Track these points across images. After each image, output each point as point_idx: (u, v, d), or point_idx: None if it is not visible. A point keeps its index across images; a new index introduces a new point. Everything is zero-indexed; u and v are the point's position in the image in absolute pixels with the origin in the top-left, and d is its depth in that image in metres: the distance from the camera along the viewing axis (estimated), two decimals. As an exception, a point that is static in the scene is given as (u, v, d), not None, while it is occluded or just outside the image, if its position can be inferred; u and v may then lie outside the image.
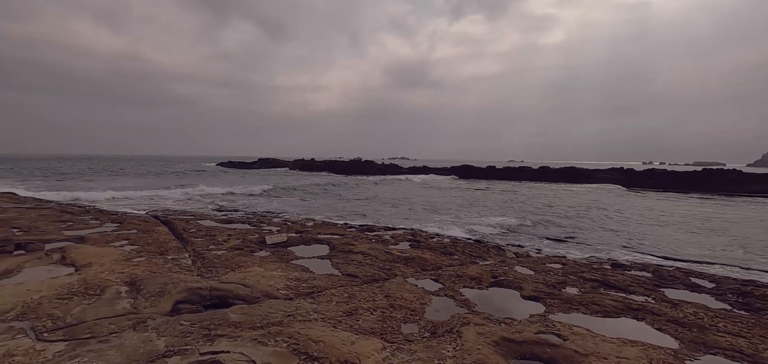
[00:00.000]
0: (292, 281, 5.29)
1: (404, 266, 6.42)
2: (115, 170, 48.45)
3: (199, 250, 7.42)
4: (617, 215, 16.16)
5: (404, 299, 4.49)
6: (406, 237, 9.15)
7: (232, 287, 4.79)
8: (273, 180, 37.20)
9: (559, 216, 15.42)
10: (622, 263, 6.83)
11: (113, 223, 10.42)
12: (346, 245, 7.79)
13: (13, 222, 10.01)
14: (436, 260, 6.87)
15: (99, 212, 12.54)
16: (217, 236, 8.62)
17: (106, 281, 4.71)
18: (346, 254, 7.03)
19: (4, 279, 5.38)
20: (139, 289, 4.34)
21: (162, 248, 7.40)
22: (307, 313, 3.95)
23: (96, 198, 18.05)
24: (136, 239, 8.16)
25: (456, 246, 8.04)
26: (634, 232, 12.06)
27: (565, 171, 41.09)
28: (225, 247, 7.70)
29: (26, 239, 8.00)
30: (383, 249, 7.39)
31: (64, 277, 5.15)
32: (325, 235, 9.03)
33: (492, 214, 15.33)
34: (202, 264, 6.40)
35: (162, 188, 24.55)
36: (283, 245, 8.00)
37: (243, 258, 6.74)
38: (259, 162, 69.27)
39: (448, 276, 5.66)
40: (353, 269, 6.11)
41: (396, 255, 6.96)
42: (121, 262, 6.31)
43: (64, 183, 27.82)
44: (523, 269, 6.07)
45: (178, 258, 6.79)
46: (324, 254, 7.19)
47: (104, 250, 7.07)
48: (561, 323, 3.72)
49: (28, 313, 3.75)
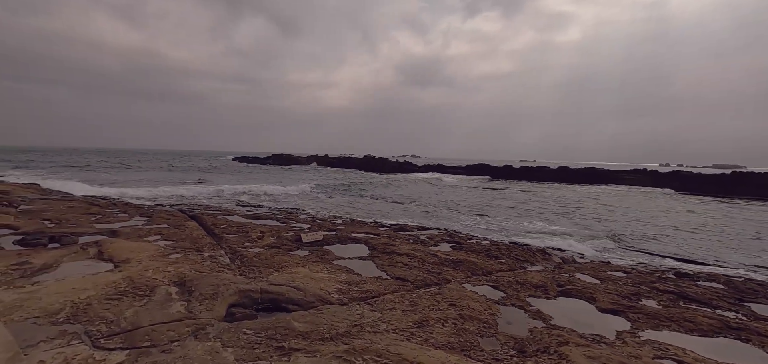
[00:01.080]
0: (342, 284, 4.98)
1: (453, 270, 6.06)
2: (132, 164, 48.97)
3: (235, 247, 7.17)
4: (682, 222, 14.61)
5: (471, 309, 4.14)
6: (444, 238, 8.78)
7: (283, 289, 4.49)
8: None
9: (637, 225, 13.56)
10: (686, 272, 6.36)
11: (142, 216, 10.28)
12: (385, 245, 7.46)
13: (43, 214, 9.93)
14: (484, 263, 6.49)
15: (125, 205, 12.46)
16: (249, 233, 8.38)
17: (153, 280, 4.46)
18: (389, 255, 6.70)
19: (44, 274, 5.18)
20: (191, 290, 4.07)
21: (197, 244, 7.17)
22: (374, 323, 3.62)
23: (120, 192, 18.08)
24: (169, 234, 7.96)
25: (499, 249, 7.65)
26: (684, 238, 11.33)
27: (585, 172, 40.15)
28: (261, 244, 7.44)
29: (59, 231, 7.86)
30: (427, 251, 7.04)
31: (106, 274, 4.92)
32: (360, 234, 8.71)
33: (539, 219, 14.07)
34: (241, 263, 6.13)
35: (182, 182, 24.54)
36: (320, 243, 7.71)
37: (283, 257, 6.46)
38: (273, 158, 69.42)
39: (507, 283, 5.28)
40: (401, 272, 5.78)
41: (442, 258, 6.60)
42: (158, 258, 6.08)
43: (85, 175, 28.08)
44: (585, 277, 5.65)
45: (215, 255, 6.54)
46: (364, 255, 6.87)
47: (139, 245, 6.87)
48: (671, 345, 3.32)
49: (78, 315, 3.50)
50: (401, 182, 33.20)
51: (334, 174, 41.92)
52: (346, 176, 38.46)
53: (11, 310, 3.57)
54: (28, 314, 3.49)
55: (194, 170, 40.75)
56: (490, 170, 46.58)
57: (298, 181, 29.24)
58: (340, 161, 60.19)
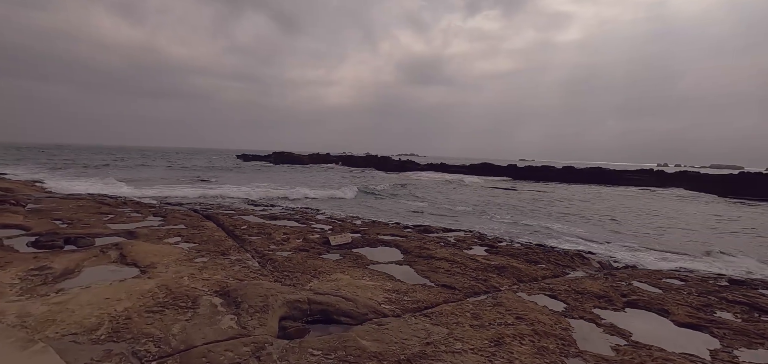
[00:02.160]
0: (389, 293, 4.64)
1: (499, 277, 5.73)
2: (135, 161, 48.32)
3: (261, 250, 6.82)
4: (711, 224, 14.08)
5: (541, 323, 3.80)
6: (474, 240, 8.44)
7: (331, 299, 4.15)
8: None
9: (658, 227, 13.09)
10: (738, 279, 6.04)
11: (156, 216, 9.91)
12: (418, 248, 7.12)
13: (53, 213, 9.56)
14: (527, 269, 6.16)
15: (137, 204, 12.08)
16: (272, 235, 8.02)
17: (192, 289, 4.11)
18: (427, 260, 6.36)
19: (67, 280, 4.82)
20: (237, 302, 3.71)
21: (220, 247, 6.82)
22: (446, 341, 3.28)
23: (129, 191, 17.68)
24: (189, 235, 7.60)
25: (536, 253, 7.31)
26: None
27: (591, 171, 39.88)
28: (288, 247, 7.09)
29: (73, 232, 7.49)
30: (465, 256, 6.70)
31: (136, 281, 4.56)
32: (386, 236, 8.37)
33: (558, 220, 13.46)
34: (273, 268, 5.78)
35: (192, 182, 24.03)
36: (348, 246, 7.37)
37: (315, 261, 6.11)
38: (274, 156, 68.87)
39: (563, 291, 4.94)
40: (445, 279, 5.44)
41: (483, 263, 6.27)
42: (184, 262, 5.74)
43: (88, 173, 27.60)
44: (643, 286, 5.32)
45: (242, 259, 6.20)
46: (399, 259, 6.53)
47: (161, 248, 6.51)
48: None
49: (120, 331, 3.15)
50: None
51: (355, 173, 41.45)
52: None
53: (44, 325, 3.22)
54: (63, 329, 3.14)
55: (205, 169, 38.38)
56: (495, 170, 46.24)
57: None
58: (342, 159, 59.79)
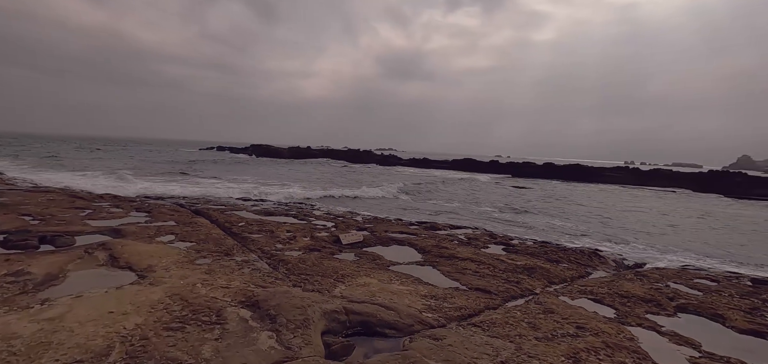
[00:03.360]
0: (427, 299, 4.22)
1: (530, 278, 5.42)
2: (107, 153, 45.35)
3: (268, 249, 6.25)
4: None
5: (605, 333, 3.49)
6: (484, 237, 8.13)
7: (370, 308, 3.69)
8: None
9: (655, 225, 12.88)
10: (761, 278, 6.00)
11: (139, 212, 9.07)
12: (436, 247, 6.73)
13: (20, 208, 8.56)
14: (555, 270, 5.89)
15: (114, 198, 11.10)
16: (275, 232, 7.43)
17: (212, 300, 3.53)
18: (450, 261, 5.97)
19: (51, 288, 4.13)
20: (272, 315, 3.19)
21: (221, 247, 6.20)
22: (519, 358, 2.89)
23: (99, 184, 16.39)
24: (183, 233, 6.91)
25: (555, 252, 7.08)
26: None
27: (571, 168, 40.81)
28: (296, 246, 6.54)
29: (49, 230, 6.65)
30: (490, 255, 6.36)
31: (138, 288, 3.93)
32: (395, 234, 7.94)
33: (556, 217, 13.36)
34: (287, 270, 5.24)
35: (168, 175, 22.64)
36: (360, 244, 6.89)
37: (332, 262, 5.61)
38: (252, 148, 66.91)
39: (607, 295, 4.67)
40: (477, 281, 5.07)
41: (509, 263, 5.95)
42: (186, 264, 5.11)
43: (54, 163, 25.55)
44: (681, 287, 5.14)
45: (249, 260, 5.62)
46: (419, 260, 6.11)
47: (155, 248, 5.82)
48: None
49: (138, 356, 2.57)
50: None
51: (327, 166, 40.48)
52: (335, 169, 37.21)
53: (38, 350, 2.60)
54: (65, 357, 2.54)
55: (183, 163, 34.16)
56: (477, 165, 46.63)
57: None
58: (323, 153, 58.73)
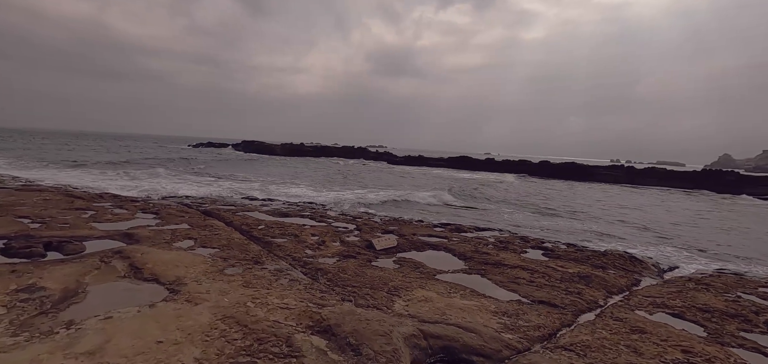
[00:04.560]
0: (499, 316, 3.81)
1: (588, 288, 5.06)
2: (91, 148, 43.79)
3: (298, 256, 5.77)
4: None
5: (718, 359, 3.13)
6: (515, 240, 7.77)
7: (448, 330, 3.26)
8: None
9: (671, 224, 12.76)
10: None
11: (146, 213, 8.47)
12: (475, 252, 6.33)
13: (15, 209, 7.88)
14: (608, 277, 5.55)
15: (115, 198, 10.42)
16: (300, 236, 6.93)
17: (274, 324, 3.05)
18: (498, 268, 5.58)
19: (74, 307, 3.60)
20: (353, 345, 2.73)
21: (246, 253, 5.69)
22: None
23: (93, 182, 15.59)
24: (202, 238, 6.37)
25: (597, 257, 6.75)
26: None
27: (566, 167, 40.98)
28: (327, 253, 6.06)
29: (54, 235, 6.04)
30: (538, 262, 5.99)
31: (175, 307, 3.43)
32: (425, 237, 7.52)
33: (572, 217, 12.83)
34: (328, 281, 4.77)
35: (161, 171, 21.78)
36: (393, 250, 6.46)
37: (373, 271, 5.16)
38: (243, 144, 65.72)
39: (683, 308, 4.33)
40: (537, 293, 4.69)
41: (562, 271, 5.58)
42: (215, 275, 4.61)
43: (39, 158, 24.34)
44: (749, 297, 4.85)
45: (283, 269, 5.13)
46: (464, 267, 5.70)
47: (177, 255, 5.29)
48: None
49: (214, 404, 2.10)
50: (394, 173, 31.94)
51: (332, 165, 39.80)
52: (333, 166, 36.64)
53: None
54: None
55: (180, 160, 31.09)
56: (472, 163, 46.55)
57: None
58: (316, 150, 57.93)
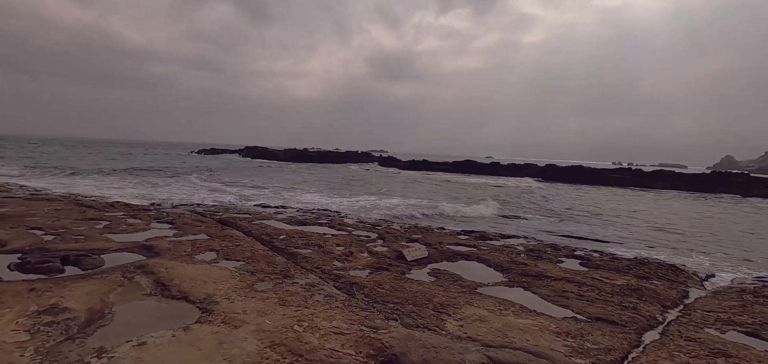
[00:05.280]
0: (562, 338, 3.50)
1: (643, 302, 4.75)
2: (90, 154, 43.59)
3: (328, 269, 5.47)
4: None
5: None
6: (546, 248, 7.45)
7: (518, 357, 2.96)
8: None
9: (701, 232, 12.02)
10: None
11: (160, 222, 8.18)
12: (511, 263, 6.02)
13: (26, 219, 7.60)
14: (658, 290, 5.23)
15: (127, 207, 10.13)
16: (324, 246, 6.63)
17: (332, 353, 2.74)
18: (541, 280, 5.27)
19: (102, 329, 3.30)
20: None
21: (273, 266, 5.39)
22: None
23: (96, 191, 15.34)
24: (224, 249, 6.08)
25: (637, 266, 6.43)
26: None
27: (572, 170, 40.62)
28: (357, 265, 5.75)
29: (70, 248, 5.76)
30: (581, 274, 5.68)
31: (212, 331, 3.13)
32: (452, 246, 7.22)
33: (593, 223, 12.36)
34: (366, 297, 4.47)
35: (168, 179, 21.51)
36: (424, 260, 6.15)
37: (414, 286, 4.86)
38: (246, 150, 65.49)
39: (760, 326, 4.02)
40: (591, 308, 4.38)
41: (608, 283, 5.27)
42: (246, 291, 4.32)
43: (44, 166, 24.09)
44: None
45: (313, 283, 4.83)
46: (504, 280, 5.38)
47: (203, 270, 5.00)
48: None
49: None
50: (399, 179, 31.59)
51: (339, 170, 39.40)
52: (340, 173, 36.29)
53: None
54: None
55: (190, 168, 29.81)
56: (477, 167, 46.21)
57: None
58: (320, 156, 57.63)
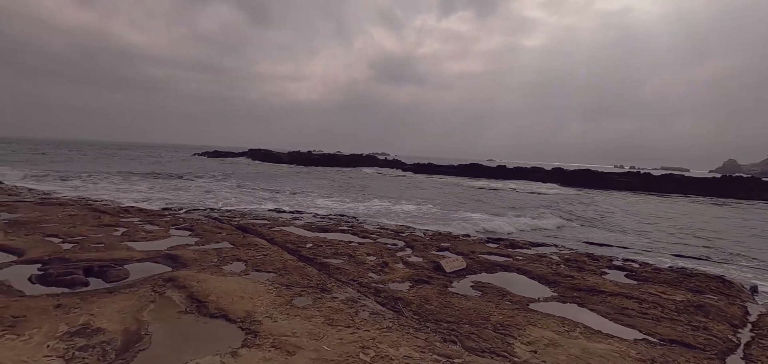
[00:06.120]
0: None
1: (711, 321, 4.42)
2: (96, 157, 43.33)
3: (365, 281, 5.16)
4: None
5: None
6: (582, 258, 7.12)
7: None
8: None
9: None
10: None
11: (178, 228, 7.90)
12: (556, 275, 5.70)
13: (40, 226, 7.32)
14: (723, 307, 4.90)
15: (141, 212, 9.82)
16: (356, 256, 6.31)
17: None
18: (594, 295, 4.94)
19: (143, 353, 2.99)
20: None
21: (308, 279, 5.09)
22: None
23: (105, 195, 15.05)
24: (252, 260, 5.77)
25: (685, 277, 6.11)
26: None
27: (580, 174, 40.27)
28: (395, 277, 5.44)
29: (92, 258, 5.44)
30: (633, 286, 5.36)
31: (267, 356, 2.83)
32: (485, 255, 6.90)
33: (612, 228, 12.26)
34: (414, 315, 4.16)
35: (176, 181, 21.22)
36: (463, 272, 5.83)
37: (462, 302, 4.55)
38: (250, 153, 65.28)
39: None
40: (660, 328, 4.06)
41: (668, 299, 4.94)
42: (286, 307, 4.02)
43: (48, 167, 23.84)
44: None
45: (355, 299, 4.53)
46: (555, 295, 5.05)
47: (236, 283, 4.69)
48: None
49: None
50: (411, 183, 31.35)
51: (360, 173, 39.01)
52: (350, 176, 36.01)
53: None
54: None
55: (206, 172, 28.66)
56: (483, 170, 45.89)
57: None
58: (323, 159, 57.37)
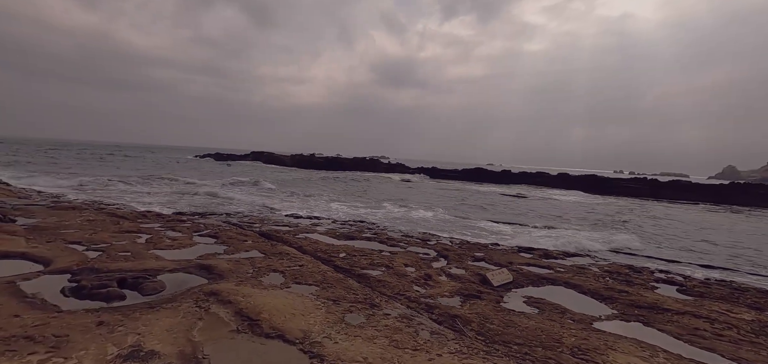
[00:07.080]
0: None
1: (786, 341, 4.17)
2: (99, 161, 42.82)
3: (411, 295, 4.92)
4: None
5: None
6: (624, 270, 6.86)
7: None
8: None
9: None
10: None
11: (201, 235, 7.69)
12: (612, 291, 5.44)
13: (60, 232, 7.07)
14: (790, 324, 4.65)
15: (159, 217, 9.55)
16: (394, 267, 6.05)
17: None
18: (658, 314, 4.69)
19: (208, 386, 2.72)
20: None
21: (354, 293, 4.86)
22: None
23: (116, 198, 14.74)
24: (290, 272, 5.52)
25: (739, 293, 5.86)
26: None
27: (587, 179, 40.04)
28: (442, 290, 5.18)
29: (124, 269, 5.18)
30: (695, 303, 5.10)
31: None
32: (526, 266, 6.65)
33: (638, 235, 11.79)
34: (479, 335, 3.90)
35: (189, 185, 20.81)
36: (509, 285, 5.58)
37: (522, 320, 4.29)
38: (252, 155, 64.99)
39: None
40: (743, 354, 3.81)
41: (736, 317, 4.69)
42: (340, 325, 3.79)
43: (58, 170, 23.47)
44: None
45: (407, 315, 4.29)
46: (615, 313, 4.79)
47: (286, 299, 4.44)
48: None
49: None
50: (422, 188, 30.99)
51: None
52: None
53: None
54: None
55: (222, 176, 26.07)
56: (488, 175, 45.65)
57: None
58: (327, 162, 57.11)
